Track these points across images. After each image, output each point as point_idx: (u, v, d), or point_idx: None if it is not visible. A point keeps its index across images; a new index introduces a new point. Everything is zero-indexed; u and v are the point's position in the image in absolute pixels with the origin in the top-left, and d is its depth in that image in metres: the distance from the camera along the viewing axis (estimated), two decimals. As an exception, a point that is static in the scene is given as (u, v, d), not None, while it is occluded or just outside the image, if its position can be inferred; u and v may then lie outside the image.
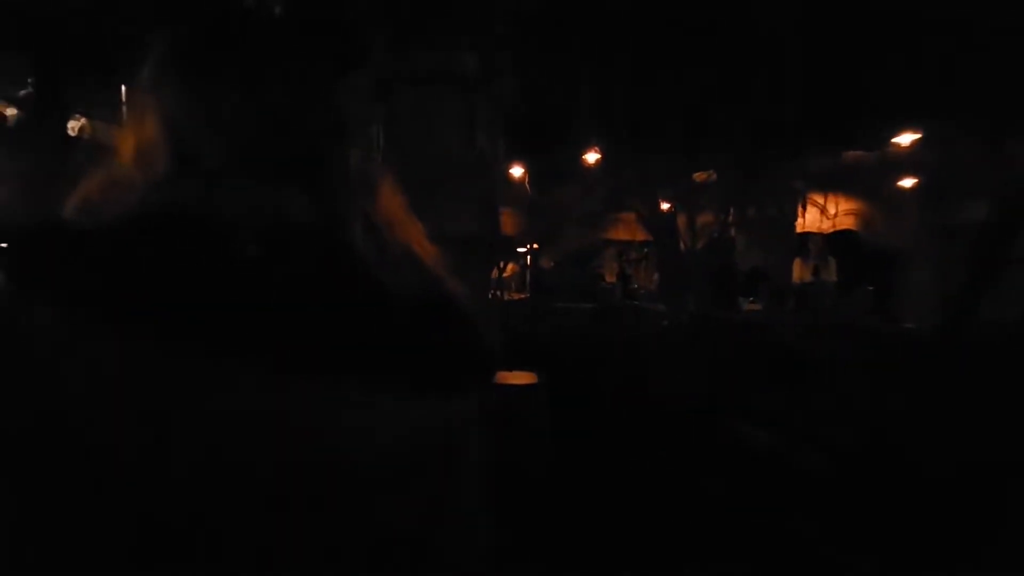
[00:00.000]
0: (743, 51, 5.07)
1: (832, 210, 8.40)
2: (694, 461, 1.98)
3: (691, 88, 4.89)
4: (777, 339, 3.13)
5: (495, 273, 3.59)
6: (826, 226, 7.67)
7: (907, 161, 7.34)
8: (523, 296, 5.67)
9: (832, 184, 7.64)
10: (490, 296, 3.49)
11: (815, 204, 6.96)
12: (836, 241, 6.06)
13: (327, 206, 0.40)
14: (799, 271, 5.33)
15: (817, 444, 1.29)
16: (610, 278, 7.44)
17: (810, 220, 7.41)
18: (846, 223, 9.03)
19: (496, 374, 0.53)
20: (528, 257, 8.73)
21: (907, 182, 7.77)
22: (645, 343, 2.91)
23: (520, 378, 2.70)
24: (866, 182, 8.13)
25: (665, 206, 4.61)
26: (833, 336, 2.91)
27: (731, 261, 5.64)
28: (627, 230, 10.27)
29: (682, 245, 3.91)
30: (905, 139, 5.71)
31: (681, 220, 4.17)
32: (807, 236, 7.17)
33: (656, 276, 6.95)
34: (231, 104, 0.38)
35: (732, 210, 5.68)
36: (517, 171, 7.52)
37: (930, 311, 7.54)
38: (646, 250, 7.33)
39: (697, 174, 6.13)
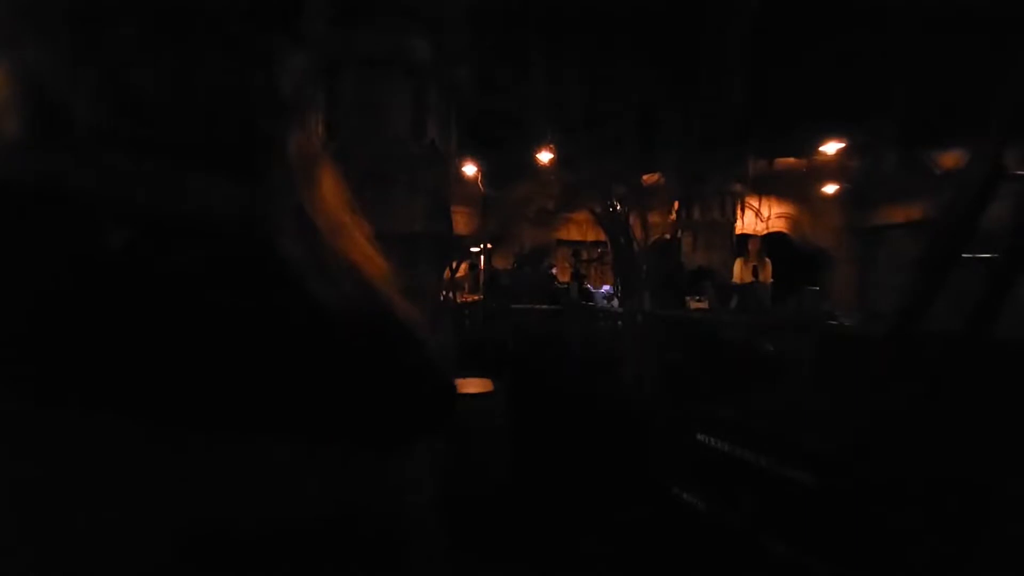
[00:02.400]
0: (693, 57, 5.23)
1: (765, 213, 8.99)
2: (666, 466, 1.93)
3: (642, 90, 4.97)
4: (732, 336, 3.19)
5: (447, 274, 3.40)
6: (760, 228, 8.16)
7: (832, 168, 7.97)
8: (476, 298, 5.53)
9: (766, 189, 8.16)
10: (442, 298, 3.30)
11: (751, 208, 7.38)
12: (768, 243, 6.42)
13: (245, 196, 0.33)
14: (739, 271, 5.58)
15: (793, 448, 1.28)
16: (562, 278, 7.45)
17: (746, 223, 7.86)
18: (778, 226, 9.72)
19: (450, 415, 0.41)
20: (481, 257, 8.59)
21: (831, 188, 8.44)
22: (605, 344, 2.85)
23: (477, 386, 2.55)
24: (796, 188, 8.77)
25: (618, 206, 4.66)
26: (788, 333, 2.99)
27: (678, 261, 5.80)
28: (579, 230, 10.41)
29: (636, 245, 3.93)
30: (831, 148, 6.15)
31: (634, 220, 4.20)
32: (746, 237, 7.55)
33: (611, 276, 7.03)
34: (121, 63, 0.30)
35: (680, 211, 5.84)
36: (469, 168, 7.35)
37: (854, 307, 8.26)
38: (600, 250, 7.40)
39: (646, 176, 6.29)
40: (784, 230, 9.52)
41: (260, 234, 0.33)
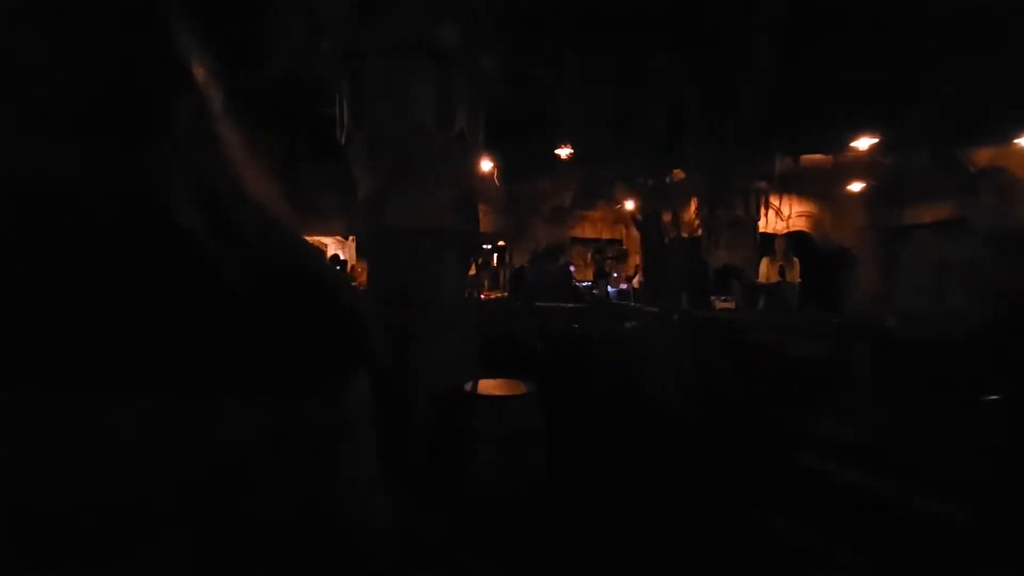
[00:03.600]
0: (717, 52, 5.06)
1: (787, 212, 8.77)
2: (736, 483, 1.79)
3: (668, 83, 4.81)
4: (768, 339, 3.04)
5: (472, 270, 3.28)
6: (780, 227, 7.96)
7: (858, 165, 7.73)
8: (498, 295, 5.40)
9: (788, 186, 7.94)
10: (466, 295, 3.18)
11: (772, 206, 7.19)
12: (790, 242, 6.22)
13: (134, 165, 0.33)
14: (766, 270, 5.40)
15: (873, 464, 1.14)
16: (580, 276, 7.31)
17: (767, 222, 7.66)
18: (798, 224, 9.49)
19: (378, 363, 0.43)
20: (507, 254, 8.47)
21: (856, 186, 8.20)
22: (639, 345, 2.71)
23: (508, 387, 2.43)
24: (819, 185, 8.53)
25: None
26: (828, 335, 2.84)
27: (703, 259, 5.63)
28: (594, 228, 10.27)
29: (668, 242, 3.79)
30: (863, 143, 5.92)
31: (666, 216, 4.06)
32: (772, 236, 7.37)
33: (636, 274, 6.87)
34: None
35: (703, 209, 5.68)
36: (486, 164, 7.22)
37: (876, 307, 8.03)
38: (624, 248, 7.24)
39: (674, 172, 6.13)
40: (805, 229, 9.30)
41: (153, 203, 0.32)
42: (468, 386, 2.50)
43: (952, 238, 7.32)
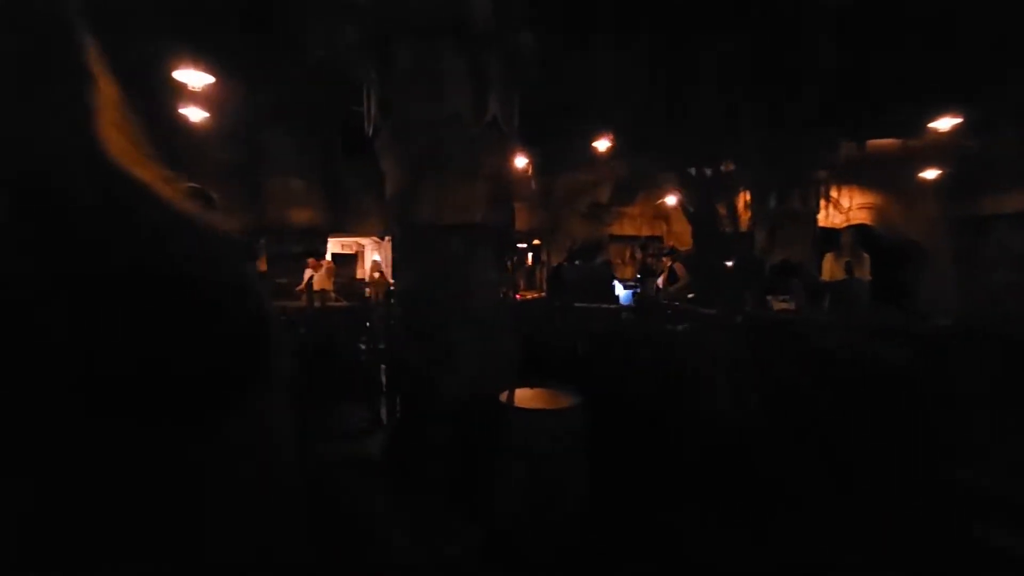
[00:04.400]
0: (768, 27, 4.60)
1: (846, 204, 8.04)
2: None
3: (722, 68, 4.40)
4: (852, 346, 2.65)
5: (509, 269, 3.05)
6: (839, 220, 7.29)
7: (931, 151, 6.97)
8: (534, 295, 5.16)
9: (849, 176, 7.26)
10: (501, 296, 2.95)
11: (831, 197, 6.58)
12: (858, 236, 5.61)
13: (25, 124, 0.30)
14: (830, 267, 4.88)
15: None
16: (619, 274, 6.94)
17: (826, 214, 7.03)
18: (860, 217, 8.70)
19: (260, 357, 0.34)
20: (542, 253, 8.23)
21: (929, 173, 7.41)
22: (700, 349, 2.40)
23: (551, 399, 2.18)
24: (885, 174, 7.76)
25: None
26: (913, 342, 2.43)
27: (756, 256, 5.18)
28: (632, 225, 9.84)
29: (723, 235, 3.44)
30: (944, 124, 5.28)
31: (722, 211, 3.70)
32: (830, 230, 6.78)
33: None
34: None
35: (757, 201, 5.23)
36: (520, 160, 6.99)
37: (948, 309, 7.23)
38: (671, 244, 6.83)
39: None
40: (866, 222, 8.52)
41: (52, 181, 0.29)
42: (504, 395, 2.27)
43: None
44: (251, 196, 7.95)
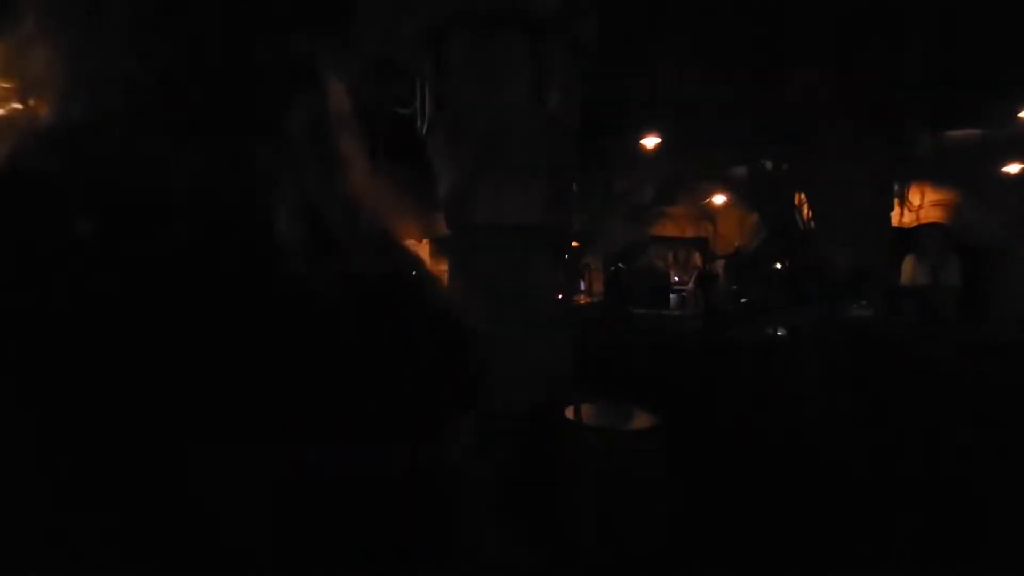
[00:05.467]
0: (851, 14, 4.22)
1: (916, 201, 7.39)
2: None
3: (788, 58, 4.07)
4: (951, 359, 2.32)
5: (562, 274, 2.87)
6: (908, 219, 6.71)
7: (1017, 142, 6.30)
8: (586, 300, 4.94)
9: (922, 171, 6.66)
10: (560, 299, 2.77)
11: (898, 194, 6.04)
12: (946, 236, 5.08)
13: (243, 174, 0.33)
14: (911, 271, 4.43)
15: None
16: (674, 279, 6.62)
17: (900, 213, 6.47)
18: (932, 216, 7.99)
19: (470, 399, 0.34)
20: (590, 256, 7.99)
21: (1014, 167, 6.71)
22: (792, 362, 2.14)
23: (622, 415, 1.98)
24: (963, 167, 7.09)
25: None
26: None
27: (821, 259, 4.78)
28: (676, 226, 9.44)
29: (806, 236, 3.14)
30: (1042, 110, 4.73)
31: (800, 204, 3.39)
32: (898, 230, 6.26)
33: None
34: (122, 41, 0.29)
35: (825, 198, 4.84)
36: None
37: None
38: (738, 246, 6.48)
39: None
40: (939, 220, 7.82)
41: (254, 213, 0.33)
42: (570, 410, 2.08)
43: None
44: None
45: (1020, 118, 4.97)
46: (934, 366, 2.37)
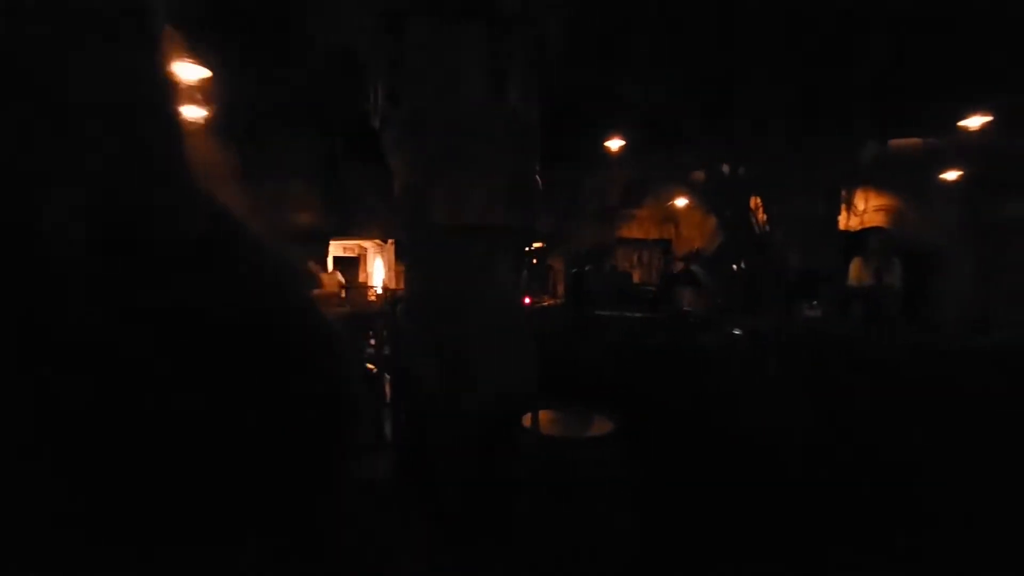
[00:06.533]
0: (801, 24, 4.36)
1: (861, 206, 7.79)
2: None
3: (727, 65, 4.16)
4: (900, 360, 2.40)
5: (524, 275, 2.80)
6: (854, 223, 7.05)
7: (953, 150, 6.73)
8: (550, 302, 4.90)
9: (866, 177, 7.01)
10: (523, 304, 2.70)
11: (846, 199, 6.35)
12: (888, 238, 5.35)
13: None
14: (858, 272, 4.64)
15: None
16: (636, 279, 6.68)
17: (846, 217, 6.78)
18: (874, 220, 8.44)
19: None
20: (555, 257, 7.98)
21: (951, 175, 7.17)
22: (749, 365, 2.14)
23: (580, 422, 1.92)
24: (904, 175, 7.52)
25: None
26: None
27: (777, 261, 4.93)
28: (641, 228, 9.59)
29: (763, 239, 3.21)
30: (974, 122, 5.05)
31: (756, 207, 3.46)
32: (846, 233, 6.56)
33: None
34: None
35: (778, 203, 4.99)
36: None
37: (967, 317, 6.98)
38: (697, 247, 6.59)
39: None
40: (882, 225, 8.27)
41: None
42: (527, 418, 2.01)
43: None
44: (250, 199, 7.67)
45: (959, 127, 5.28)
46: (879, 366, 2.44)
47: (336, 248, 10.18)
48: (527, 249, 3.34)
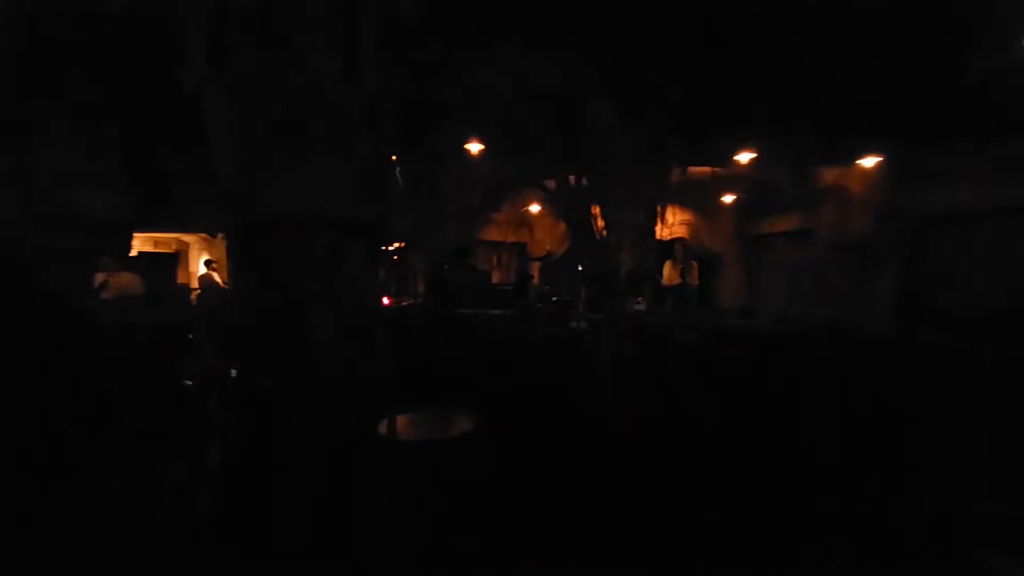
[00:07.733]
0: (637, 49, 5.05)
1: (671, 220, 9.47)
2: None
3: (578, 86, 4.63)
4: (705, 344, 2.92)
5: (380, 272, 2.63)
6: (665, 234, 8.53)
7: (730, 178, 8.62)
8: (408, 301, 4.69)
9: (673, 196, 8.56)
10: (375, 301, 2.52)
11: (660, 213, 7.64)
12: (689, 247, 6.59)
13: None
14: (669, 273, 5.58)
15: None
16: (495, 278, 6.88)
17: (661, 227, 8.13)
18: (679, 232, 10.36)
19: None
20: (417, 256, 7.66)
21: (728, 197, 9.16)
22: (596, 355, 2.35)
23: (440, 425, 1.86)
24: (698, 196, 9.37)
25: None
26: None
27: (612, 263, 5.63)
28: (499, 231, 9.96)
29: (605, 241, 3.57)
30: (744, 157, 6.51)
31: (600, 221, 3.84)
32: (659, 242, 7.79)
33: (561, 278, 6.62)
34: None
35: (615, 212, 5.68)
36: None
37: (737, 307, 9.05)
38: (548, 250, 6.97)
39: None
40: (684, 235, 10.17)
41: None
42: (383, 426, 1.87)
43: (801, 246, 8.52)
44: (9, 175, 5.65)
45: (735, 160, 6.74)
46: (685, 346, 2.94)
47: (146, 242, 8.25)
48: (384, 247, 3.15)
